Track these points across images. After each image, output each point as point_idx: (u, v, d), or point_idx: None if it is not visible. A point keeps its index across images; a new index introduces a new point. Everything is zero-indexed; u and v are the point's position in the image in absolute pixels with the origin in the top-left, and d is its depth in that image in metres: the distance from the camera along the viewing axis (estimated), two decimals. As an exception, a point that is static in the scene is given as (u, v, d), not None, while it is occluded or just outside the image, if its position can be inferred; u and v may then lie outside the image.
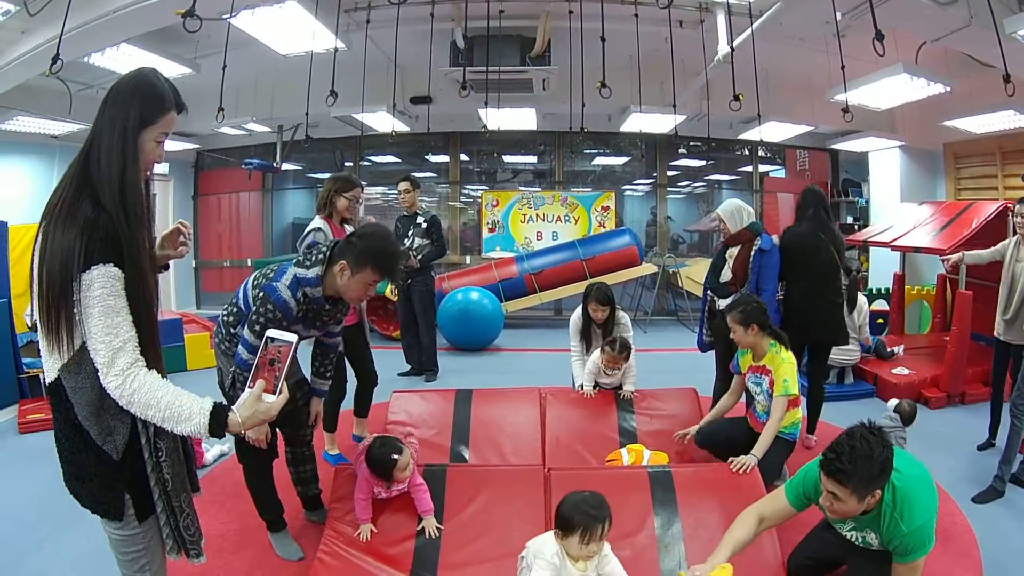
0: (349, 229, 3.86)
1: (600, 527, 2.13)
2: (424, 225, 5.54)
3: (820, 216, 4.14)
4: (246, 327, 2.46)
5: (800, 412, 3.50)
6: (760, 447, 3.14)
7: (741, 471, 3.01)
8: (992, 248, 4.20)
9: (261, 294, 2.46)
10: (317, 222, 3.82)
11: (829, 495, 2.13)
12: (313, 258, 2.48)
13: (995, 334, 4.12)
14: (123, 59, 5.25)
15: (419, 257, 5.46)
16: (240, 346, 2.49)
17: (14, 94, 5.66)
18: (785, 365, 3.32)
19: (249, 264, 9.54)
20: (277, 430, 2.91)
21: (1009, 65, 3.90)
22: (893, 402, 3.92)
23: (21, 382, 5.13)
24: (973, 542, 3.06)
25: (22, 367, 5.15)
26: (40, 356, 1.53)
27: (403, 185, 5.50)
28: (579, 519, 2.13)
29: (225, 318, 2.73)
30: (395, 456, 2.75)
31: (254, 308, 2.46)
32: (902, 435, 3.68)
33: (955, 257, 4.30)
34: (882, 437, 2.09)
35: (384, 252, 2.43)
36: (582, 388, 4.07)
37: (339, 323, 2.83)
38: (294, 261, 2.53)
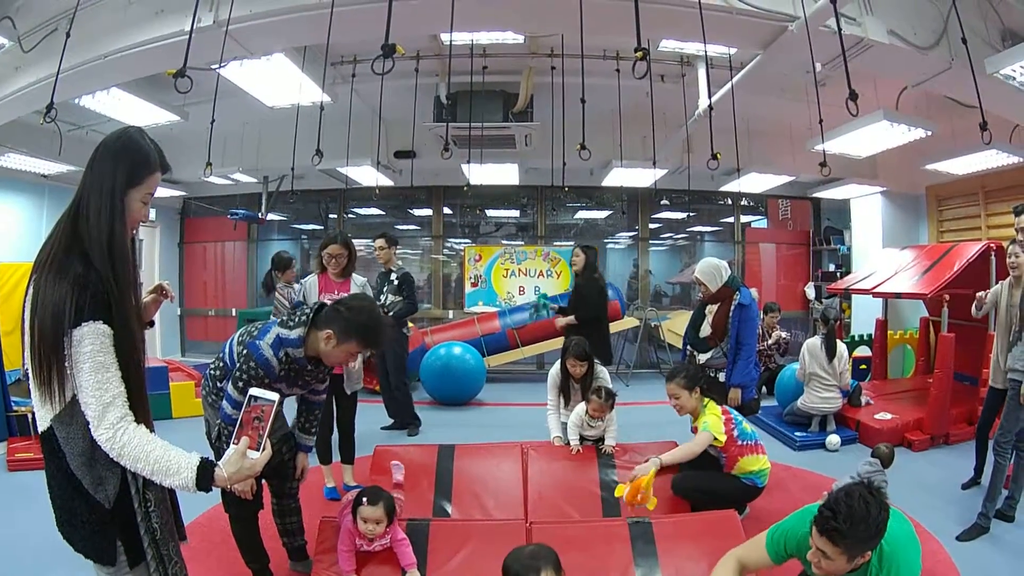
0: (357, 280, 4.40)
1: None
2: (396, 282, 5.58)
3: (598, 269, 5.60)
4: (230, 383, 2.52)
5: (764, 461, 3.57)
6: (669, 455, 3.40)
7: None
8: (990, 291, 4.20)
9: (244, 351, 2.53)
10: (308, 278, 4.38)
11: (818, 552, 2.07)
12: (296, 319, 2.55)
13: (990, 383, 4.08)
14: (113, 103, 5.29)
15: (391, 314, 5.47)
16: (225, 401, 2.54)
17: (5, 131, 5.68)
18: (706, 416, 3.52)
19: (234, 314, 9.49)
20: (263, 481, 2.93)
21: (991, 103, 3.87)
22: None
23: (10, 420, 5.10)
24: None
25: (11, 405, 5.12)
26: (29, 396, 1.56)
27: (379, 242, 5.60)
28: (508, 571, 2.12)
29: (212, 372, 2.81)
30: (364, 498, 2.77)
31: (238, 364, 2.53)
32: (883, 479, 3.69)
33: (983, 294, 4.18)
34: (880, 499, 2.04)
35: (369, 326, 2.49)
36: (569, 443, 4.00)
37: (323, 382, 2.89)
38: (278, 320, 2.60)
